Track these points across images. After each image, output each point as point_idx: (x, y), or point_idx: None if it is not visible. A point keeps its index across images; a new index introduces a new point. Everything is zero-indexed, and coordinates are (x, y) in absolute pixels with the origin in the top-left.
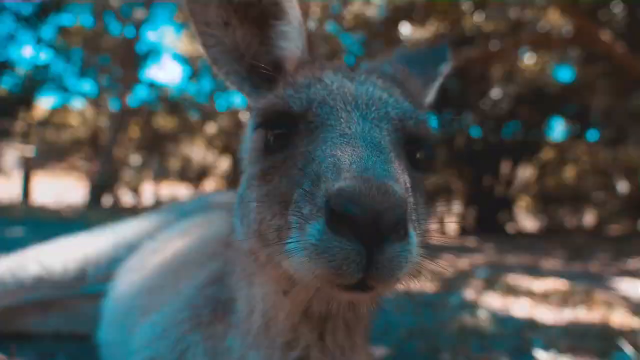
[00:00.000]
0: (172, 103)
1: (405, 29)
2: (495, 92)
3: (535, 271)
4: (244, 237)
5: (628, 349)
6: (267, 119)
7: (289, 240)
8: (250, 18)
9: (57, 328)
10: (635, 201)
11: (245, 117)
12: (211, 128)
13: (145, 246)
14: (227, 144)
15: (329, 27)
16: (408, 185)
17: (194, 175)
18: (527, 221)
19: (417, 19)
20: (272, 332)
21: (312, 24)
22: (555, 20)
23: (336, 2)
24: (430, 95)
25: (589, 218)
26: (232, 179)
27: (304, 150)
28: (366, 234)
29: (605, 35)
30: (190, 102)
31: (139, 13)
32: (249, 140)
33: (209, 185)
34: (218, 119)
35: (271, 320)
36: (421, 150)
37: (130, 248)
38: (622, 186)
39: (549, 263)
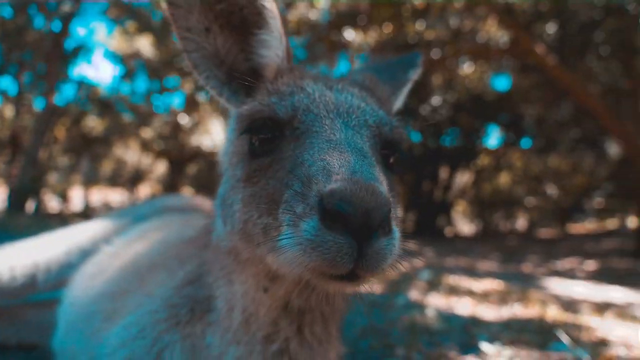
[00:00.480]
0: (104, 103)
1: (349, 34)
2: (436, 99)
3: (473, 273)
4: (227, 237)
5: (565, 339)
6: (252, 124)
7: (282, 237)
8: (231, 25)
9: (3, 338)
10: (563, 206)
11: (183, 119)
12: (146, 131)
13: (102, 251)
14: (164, 147)
15: None
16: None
17: (128, 179)
18: (464, 225)
19: (360, 25)
20: (252, 327)
21: None
22: (493, 31)
23: (281, 5)
24: (400, 101)
25: (522, 222)
26: (168, 184)
27: (291, 154)
28: (357, 229)
29: (539, 48)
30: (123, 102)
31: (67, 7)
32: (231, 144)
33: (144, 190)
34: (155, 121)
35: (252, 316)
36: (395, 154)
37: (83, 253)
38: (552, 191)
39: (485, 265)
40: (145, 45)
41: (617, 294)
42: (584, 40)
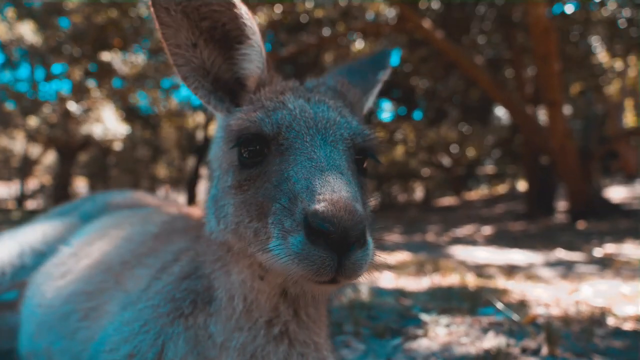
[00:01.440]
0: None
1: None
2: None
3: (381, 246)
4: (220, 234)
5: (498, 304)
6: (241, 139)
7: (272, 246)
8: (215, 40)
9: None
10: (457, 174)
11: (73, 107)
12: (32, 119)
13: (61, 251)
14: (52, 135)
15: None
16: (362, 198)
17: (15, 171)
18: None
19: (250, 6)
20: (254, 314)
21: (145, 11)
22: (381, 8)
23: None
24: (371, 101)
25: (419, 193)
26: (58, 174)
27: (277, 168)
28: (337, 245)
29: (426, 23)
30: (5, 91)
31: None
32: (220, 150)
33: (33, 181)
34: (41, 110)
35: (253, 304)
36: (367, 158)
37: (37, 254)
38: (445, 161)
39: (391, 237)
40: (27, 31)
41: (517, 256)
42: (467, 14)
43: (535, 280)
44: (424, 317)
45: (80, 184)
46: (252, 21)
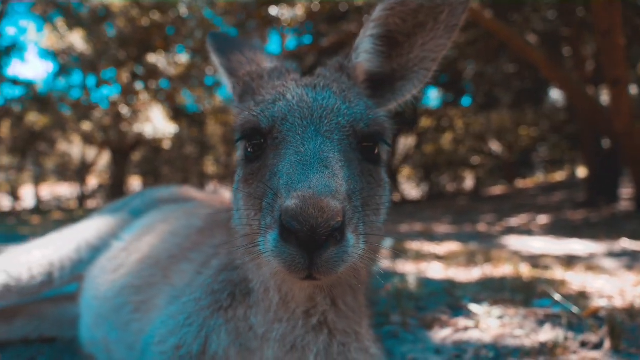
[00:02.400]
0: (42, 100)
1: (274, 10)
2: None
3: (431, 237)
4: (239, 226)
5: (556, 295)
6: (244, 134)
7: (258, 242)
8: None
9: (25, 334)
10: (509, 162)
11: (123, 109)
12: (86, 124)
13: (114, 246)
14: (106, 138)
15: (205, 12)
16: (354, 189)
17: (75, 173)
18: (411, 190)
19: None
20: (291, 305)
21: (185, 11)
22: None
23: None
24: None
25: (469, 181)
26: (114, 173)
27: (271, 162)
28: (305, 243)
29: (474, 3)
30: (61, 97)
31: None
32: (237, 146)
33: (92, 182)
34: (95, 113)
35: (288, 295)
36: (378, 146)
37: (93, 249)
38: (496, 148)
39: (440, 228)
40: (77, 40)
41: (577, 246)
42: None
43: (597, 272)
44: (475, 308)
45: (135, 183)
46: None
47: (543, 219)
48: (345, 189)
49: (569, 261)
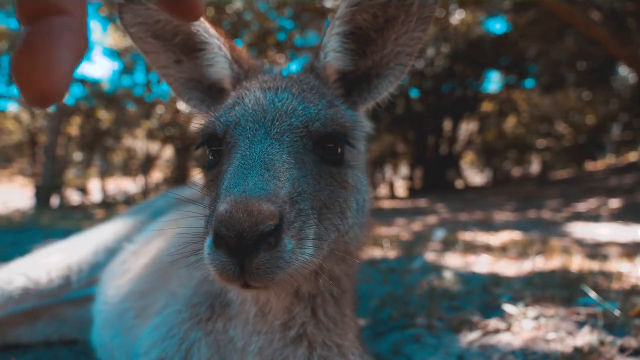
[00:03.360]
0: (108, 97)
1: (328, 2)
2: (430, 52)
3: (489, 225)
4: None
5: (592, 294)
6: (203, 140)
7: (203, 248)
8: (195, 50)
9: (46, 335)
10: (577, 144)
11: (181, 105)
12: (150, 119)
13: (126, 249)
14: (168, 133)
15: (259, 5)
16: (304, 191)
17: (139, 167)
18: (475, 176)
19: None
20: (268, 317)
21: (239, 6)
22: None
23: None
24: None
25: (535, 165)
26: (177, 167)
27: (223, 168)
28: (234, 249)
29: None
30: (126, 94)
31: None
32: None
33: (156, 176)
34: (156, 109)
35: (265, 306)
36: (341, 144)
37: (109, 252)
38: (563, 130)
39: (501, 215)
40: None
41: None
42: None
43: None
44: (509, 308)
45: (198, 175)
46: (204, 26)
47: (614, 203)
48: (288, 192)
49: (632, 250)
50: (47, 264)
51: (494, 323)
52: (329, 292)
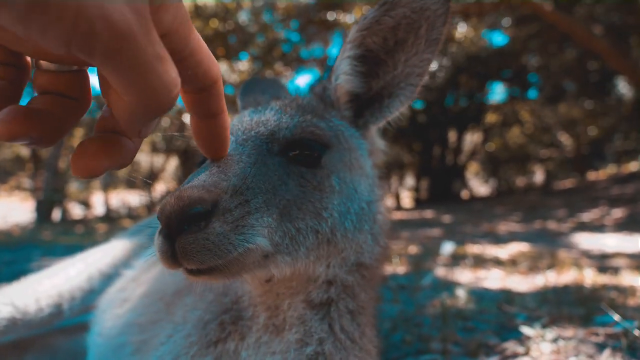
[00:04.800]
0: None
1: (332, 15)
2: (433, 64)
3: (497, 237)
4: None
5: (611, 312)
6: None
7: None
8: None
9: None
10: (580, 154)
11: (187, 119)
12: (155, 132)
13: (124, 275)
14: (171, 145)
15: (265, 17)
16: (251, 187)
17: (144, 180)
18: (480, 186)
19: (344, 5)
20: (283, 329)
21: (245, 19)
22: None
23: None
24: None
25: (538, 176)
26: (182, 180)
27: None
28: (165, 231)
29: None
30: None
31: None
32: None
33: (160, 188)
34: (161, 122)
35: (276, 311)
36: (313, 150)
37: (105, 278)
38: (566, 141)
39: (507, 226)
40: None
41: None
42: None
43: None
44: (527, 330)
45: None
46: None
47: (617, 213)
48: (231, 184)
49: None
50: (36, 291)
51: (511, 346)
52: (344, 304)
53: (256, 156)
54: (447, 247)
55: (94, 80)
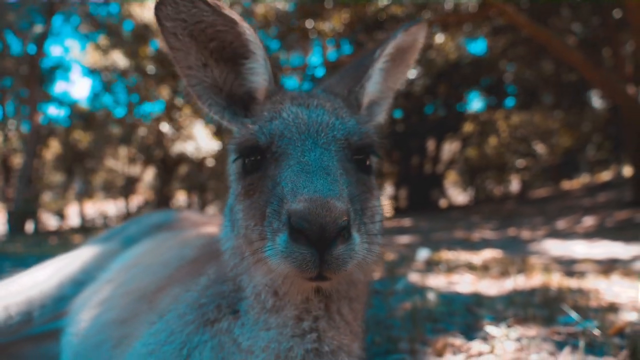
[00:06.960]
0: (87, 118)
1: (310, 23)
2: (411, 73)
3: (471, 244)
4: (234, 238)
5: (572, 313)
6: (242, 152)
7: (266, 248)
8: (224, 58)
9: None
10: (554, 163)
11: (164, 127)
12: (132, 141)
13: (100, 279)
14: (149, 154)
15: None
16: (353, 195)
17: (121, 190)
18: (458, 195)
19: (323, 13)
20: (285, 308)
21: None
22: None
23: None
24: (371, 83)
25: (515, 184)
26: (159, 189)
27: (272, 173)
28: (315, 242)
29: (510, 7)
30: (106, 115)
31: (39, 27)
32: (231, 164)
33: (138, 197)
34: (138, 130)
35: (285, 296)
36: (369, 157)
37: (76, 284)
38: (541, 150)
39: (483, 234)
40: (119, 57)
41: (619, 249)
42: None
43: (634, 278)
44: (492, 330)
45: (181, 197)
46: (255, 36)
47: (588, 221)
48: (347, 193)
49: (610, 266)
50: (5, 301)
51: (477, 346)
52: (345, 293)
53: (341, 162)
54: (423, 254)
55: None
